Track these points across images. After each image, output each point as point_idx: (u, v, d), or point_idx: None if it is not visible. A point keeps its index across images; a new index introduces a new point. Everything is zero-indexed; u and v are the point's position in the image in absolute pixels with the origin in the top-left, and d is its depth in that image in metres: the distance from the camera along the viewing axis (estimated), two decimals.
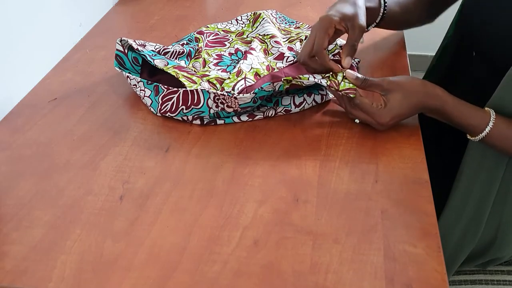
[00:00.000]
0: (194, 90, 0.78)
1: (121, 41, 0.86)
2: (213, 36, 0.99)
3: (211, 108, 0.77)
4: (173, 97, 0.79)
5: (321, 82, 0.75)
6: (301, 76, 0.75)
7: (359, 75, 0.75)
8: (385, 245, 0.59)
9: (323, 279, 0.55)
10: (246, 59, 0.87)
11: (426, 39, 0.99)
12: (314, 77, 0.75)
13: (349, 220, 0.62)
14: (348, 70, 0.77)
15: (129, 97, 0.86)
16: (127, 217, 0.64)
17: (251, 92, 0.76)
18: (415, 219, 0.62)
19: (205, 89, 0.78)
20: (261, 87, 0.75)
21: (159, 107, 0.81)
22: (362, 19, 0.77)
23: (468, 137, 0.73)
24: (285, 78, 0.75)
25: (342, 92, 0.75)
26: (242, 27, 1.03)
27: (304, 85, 0.77)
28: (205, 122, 0.79)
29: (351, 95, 0.75)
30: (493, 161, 0.75)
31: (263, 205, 0.65)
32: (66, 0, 1.00)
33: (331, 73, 0.77)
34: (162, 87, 0.81)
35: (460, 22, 0.87)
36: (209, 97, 0.77)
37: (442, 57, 0.94)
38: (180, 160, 0.73)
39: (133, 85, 0.85)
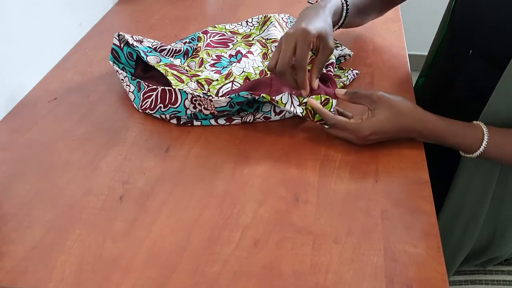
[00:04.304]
0: (172, 89, 0.78)
1: (118, 35, 0.86)
2: (218, 36, 0.98)
3: (188, 108, 0.77)
4: (153, 94, 0.80)
5: (296, 112, 0.74)
6: (279, 101, 0.73)
7: (349, 90, 0.75)
8: (385, 245, 0.59)
9: (323, 279, 0.55)
10: (239, 63, 0.86)
11: (426, 39, 0.99)
12: (292, 103, 0.74)
13: (349, 220, 0.62)
14: (338, 89, 0.77)
15: (128, 97, 0.86)
16: (127, 217, 0.64)
17: (227, 97, 0.75)
18: (415, 219, 0.62)
19: (182, 90, 0.77)
20: (238, 94, 0.74)
21: (140, 103, 0.82)
22: (332, 41, 0.75)
23: (465, 154, 0.72)
24: (263, 95, 0.73)
25: (317, 123, 0.74)
26: (250, 29, 1.02)
27: (283, 104, 0.74)
28: (181, 122, 0.79)
29: (326, 126, 0.74)
30: (489, 161, 0.75)
31: (263, 205, 0.65)
32: (66, 0, 1.00)
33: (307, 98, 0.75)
34: (143, 83, 0.82)
35: (454, 20, 0.87)
36: (187, 98, 0.77)
37: (437, 57, 0.94)
38: (180, 160, 0.73)
39: (121, 79, 0.86)
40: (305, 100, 0.75)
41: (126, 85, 0.85)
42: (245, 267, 0.57)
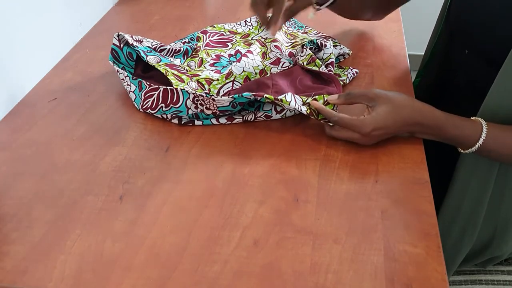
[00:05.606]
0: (174, 89, 0.78)
1: (118, 35, 0.86)
2: (217, 36, 0.98)
3: (190, 108, 0.77)
4: (154, 94, 0.80)
5: (301, 110, 0.73)
6: (283, 99, 0.73)
7: (341, 94, 0.74)
8: (385, 245, 0.59)
9: (323, 279, 0.55)
10: (239, 62, 0.86)
11: (426, 39, 0.99)
12: (296, 102, 0.74)
13: (349, 220, 0.62)
14: (329, 96, 0.75)
15: (129, 97, 0.86)
16: (127, 217, 0.64)
17: (230, 96, 0.75)
18: (415, 219, 0.62)
19: (184, 89, 0.77)
20: (241, 95, 0.74)
21: (142, 103, 0.81)
22: None
23: (462, 150, 0.72)
24: (267, 96, 0.73)
25: (321, 121, 0.75)
26: (249, 28, 1.02)
27: (287, 103, 0.74)
28: (183, 122, 0.79)
29: (330, 124, 0.74)
30: (488, 159, 0.75)
31: (263, 205, 0.65)
32: (66, 0, 1.00)
33: (311, 98, 0.75)
34: (145, 83, 0.82)
35: (449, 19, 0.87)
36: (188, 98, 0.77)
37: (433, 56, 0.94)
38: (180, 160, 0.73)
39: (122, 79, 0.86)
40: (308, 101, 0.75)
41: (127, 84, 0.85)
42: (245, 267, 0.57)
